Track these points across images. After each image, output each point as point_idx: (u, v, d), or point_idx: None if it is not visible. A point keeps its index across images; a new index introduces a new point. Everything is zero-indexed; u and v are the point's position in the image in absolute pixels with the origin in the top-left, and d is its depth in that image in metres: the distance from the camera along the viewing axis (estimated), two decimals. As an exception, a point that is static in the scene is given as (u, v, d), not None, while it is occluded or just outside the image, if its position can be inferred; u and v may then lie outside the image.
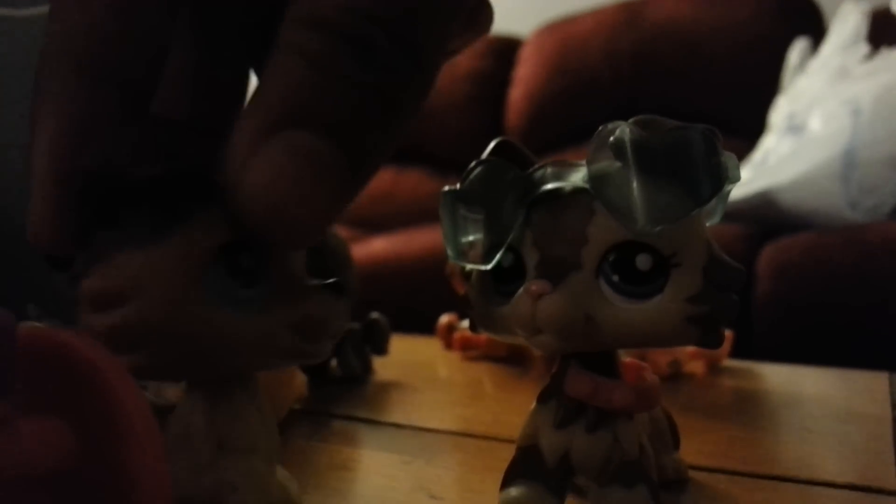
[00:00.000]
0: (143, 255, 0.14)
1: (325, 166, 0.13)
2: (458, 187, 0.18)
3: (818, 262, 0.80)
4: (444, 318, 0.52)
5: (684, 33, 1.33)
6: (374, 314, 0.44)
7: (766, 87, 1.15)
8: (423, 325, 0.57)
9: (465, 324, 0.48)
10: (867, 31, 1.02)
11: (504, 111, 1.54)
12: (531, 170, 0.17)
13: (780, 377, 0.44)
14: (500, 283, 0.18)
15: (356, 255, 0.45)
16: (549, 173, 0.17)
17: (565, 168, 0.17)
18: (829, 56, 1.04)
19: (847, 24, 1.04)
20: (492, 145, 0.19)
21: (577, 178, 0.16)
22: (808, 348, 0.76)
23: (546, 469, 0.18)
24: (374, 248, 1.19)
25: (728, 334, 0.41)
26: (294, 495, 0.17)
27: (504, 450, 0.19)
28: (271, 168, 0.13)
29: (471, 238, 0.18)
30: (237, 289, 0.15)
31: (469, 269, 0.19)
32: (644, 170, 0.15)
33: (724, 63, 1.29)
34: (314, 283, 0.16)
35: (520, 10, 1.50)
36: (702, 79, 1.31)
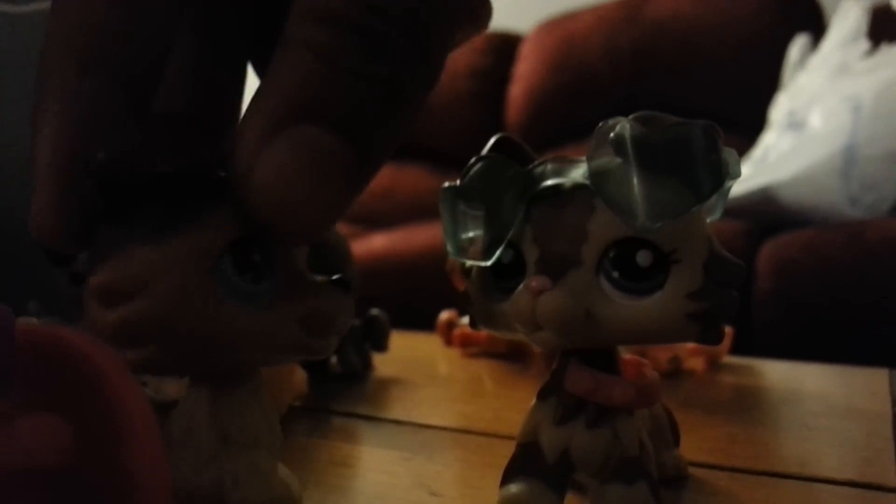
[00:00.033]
0: (152, 250, 0.14)
1: (332, 161, 0.13)
2: (458, 183, 0.18)
3: (818, 258, 0.80)
4: (444, 315, 0.52)
5: (684, 30, 1.33)
6: (374, 311, 0.44)
7: (767, 83, 1.14)
8: (423, 321, 0.57)
9: (465, 320, 0.48)
10: (867, 27, 1.02)
11: (504, 107, 1.54)
12: (531, 166, 0.17)
13: (780, 374, 0.44)
14: (500, 279, 0.18)
15: (356, 251, 0.45)
16: (550, 169, 0.17)
17: (565, 164, 0.17)
18: (829, 52, 1.04)
19: (847, 20, 1.04)
20: (492, 141, 0.19)
21: (578, 174, 0.16)
22: (808, 345, 0.76)
23: (546, 466, 0.18)
24: (374, 244, 1.19)
25: (728, 331, 0.41)
26: (295, 492, 0.17)
27: (504, 446, 0.19)
28: (279, 164, 0.13)
29: (471, 234, 0.18)
30: (246, 284, 0.15)
31: (469, 265, 0.19)
32: (644, 166, 0.15)
33: (725, 59, 1.29)
34: (321, 278, 0.16)
35: (520, 7, 1.50)
36: (702, 75, 1.30)
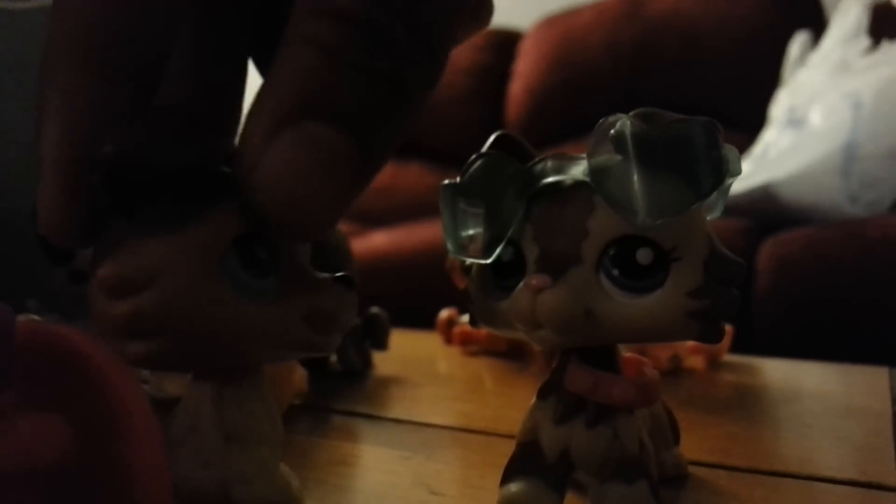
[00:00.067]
0: (161, 243, 0.14)
1: (337, 157, 0.13)
2: (458, 181, 0.18)
3: (818, 256, 0.80)
4: (444, 313, 0.52)
5: (685, 26, 1.33)
6: (374, 309, 0.44)
7: (767, 80, 1.14)
8: (423, 319, 0.57)
9: (465, 318, 0.48)
10: (868, 24, 1.02)
11: (504, 104, 1.54)
12: (531, 163, 0.17)
13: (780, 372, 0.44)
14: (501, 277, 0.18)
15: (356, 249, 0.45)
16: (550, 167, 0.17)
17: (566, 161, 0.17)
18: (829, 49, 1.04)
19: (848, 17, 1.04)
20: (492, 139, 0.19)
21: (578, 171, 0.16)
22: (809, 343, 0.76)
23: (546, 465, 0.18)
24: (374, 242, 1.19)
25: (728, 329, 0.41)
26: (297, 490, 0.17)
27: (504, 445, 0.19)
28: (284, 160, 0.13)
29: (471, 232, 0.18)
30: (252, 279, 0.15)
31: (469, 263, 0.19)
32: (645, 163, 0.15)
33: (725, 56, 1.29)
34: (325, 276, 0.16)
35: (520, 3, 1.50)
36: (702, 72, 1.30)
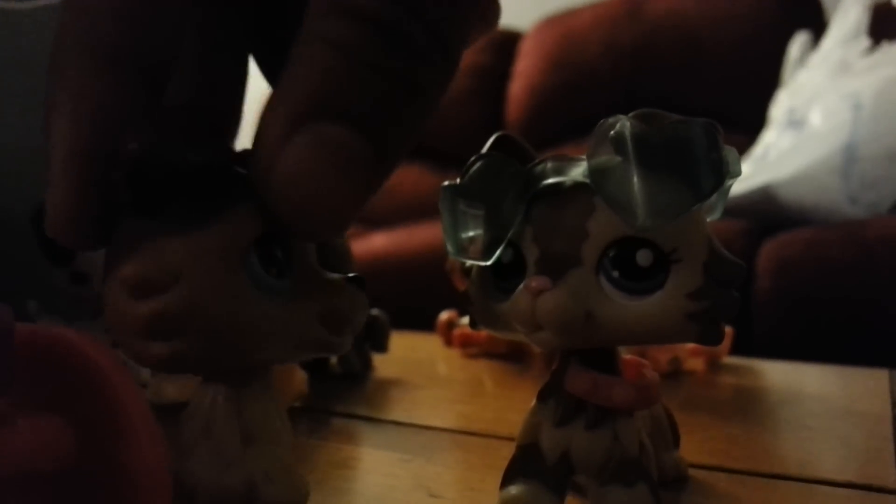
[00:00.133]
0: (184, 243, 0.14)
1: (352, 159, 0.13)
2: (457, 182, 0.18)
3: (818, 257, 0.80)
4: (444, 315, 0.52)
5: (684, 27, 1.33)
6: (374, 311, 0.44)
7: (767, 81, 1.14)
8: (423, 321, 0.57)
9: (465, 320, 0.48)
10: (868, 24, 1.02)
11: (504, 105, 1.54)
12: (531, 164, 0.17)
13: (780, 374, 0.44)
14: (500, 279, 0.18)
15: (356, 251, 0.45)
16: (550, 168, 0.17)
17: (565, 163, 0.17)
18: (829, 50, 1.04)
19: (848, 17, 1.04)
20: (492, 140, 0.19)
21: (578, 172, 0.16)
22: (809, 345, 0.76)
23: (546, 467, 0.18)
24: (374, 243, 1.19)
25: (728, 331, 0.41)
26: (308, 490, 0.17)
27: (504, 447, 0.19)
28: (299, 161, 0.13)
29: (471, 233, 0.18)
30: (271, 279, 0.15)
31: (469, 265, 0.19)
32: (644, 164, 0.15)
33: (725, 57, 1.29)
34: (337, 276, 0.17)
35: (520, 4, 1.50)
36: (702, 73, 1.30)
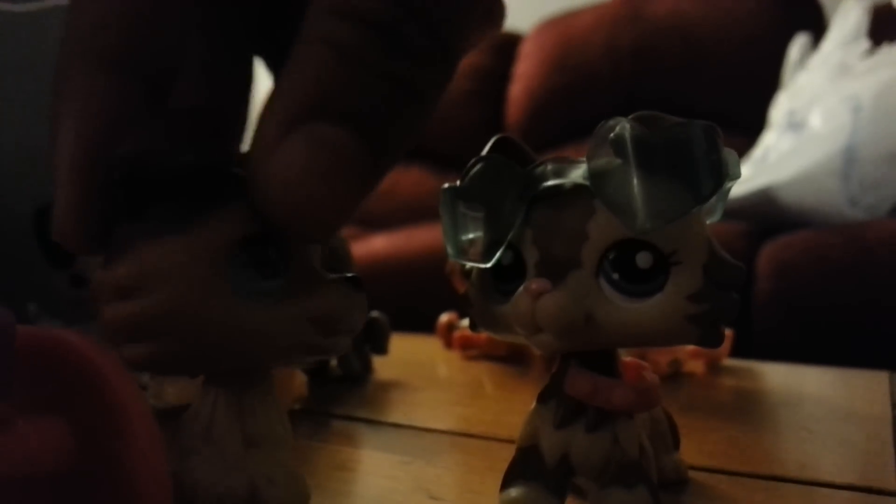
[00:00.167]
0: (167, 245, 0.14)
1: (347, 159, 0.13)
2: (457, 184, 0.18)
3: (818, 260, 0.80)
4: (444, 317, 0.52)
5: (685, 29, 1.33)
6: (374, 313, 0.44)
7: (767, 83, 1.14)
8: (422, 324, 0.57)
9: (465, 323, 0.48)
10: (868, 26, 1.02)
11: (504, 107, 1.54)
12: (531, 167, 0.17)
13: (780, 376, 0.44)
14: (500, 281, 0.18)
15: (356, 253, 0.45)
16: (550, 170, 0.17)
17: (565, 165, 0.17)
18: (829, 52, 1.04)
19: (848, 19, 1.04)
20: (492, 142, 0.19)
21: (578, 174, 0.16)
22: (809, 347, 0.76)
23: (546, 469, 0.18)
24: (374, 246, 1.19)
25: (728, 333, 0.41)
26: (309, 492, 0.17)
27: (504, 450, 0.19)
28: (294, 161, 0.13)
29: (471, 236, 0.18)
30: (260, 280, 0.15)
31: (469, 267, 0.19)
32: (644, 167, 0.15)
33: (725, 59, 1.29)
34: (333, 277, 0.16)
35: (520, 6, 1.50)
36: (702, 75, 1.30)
